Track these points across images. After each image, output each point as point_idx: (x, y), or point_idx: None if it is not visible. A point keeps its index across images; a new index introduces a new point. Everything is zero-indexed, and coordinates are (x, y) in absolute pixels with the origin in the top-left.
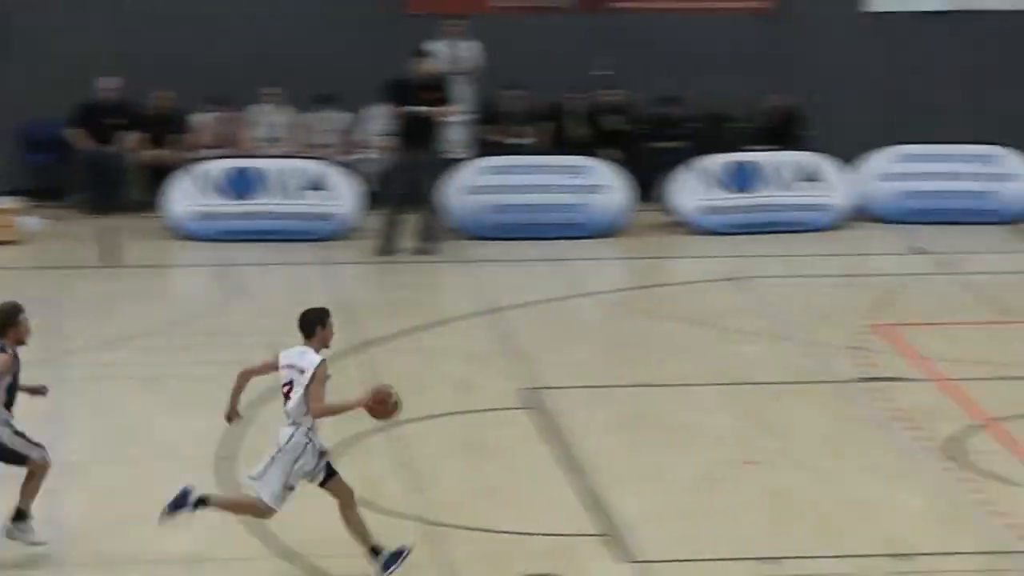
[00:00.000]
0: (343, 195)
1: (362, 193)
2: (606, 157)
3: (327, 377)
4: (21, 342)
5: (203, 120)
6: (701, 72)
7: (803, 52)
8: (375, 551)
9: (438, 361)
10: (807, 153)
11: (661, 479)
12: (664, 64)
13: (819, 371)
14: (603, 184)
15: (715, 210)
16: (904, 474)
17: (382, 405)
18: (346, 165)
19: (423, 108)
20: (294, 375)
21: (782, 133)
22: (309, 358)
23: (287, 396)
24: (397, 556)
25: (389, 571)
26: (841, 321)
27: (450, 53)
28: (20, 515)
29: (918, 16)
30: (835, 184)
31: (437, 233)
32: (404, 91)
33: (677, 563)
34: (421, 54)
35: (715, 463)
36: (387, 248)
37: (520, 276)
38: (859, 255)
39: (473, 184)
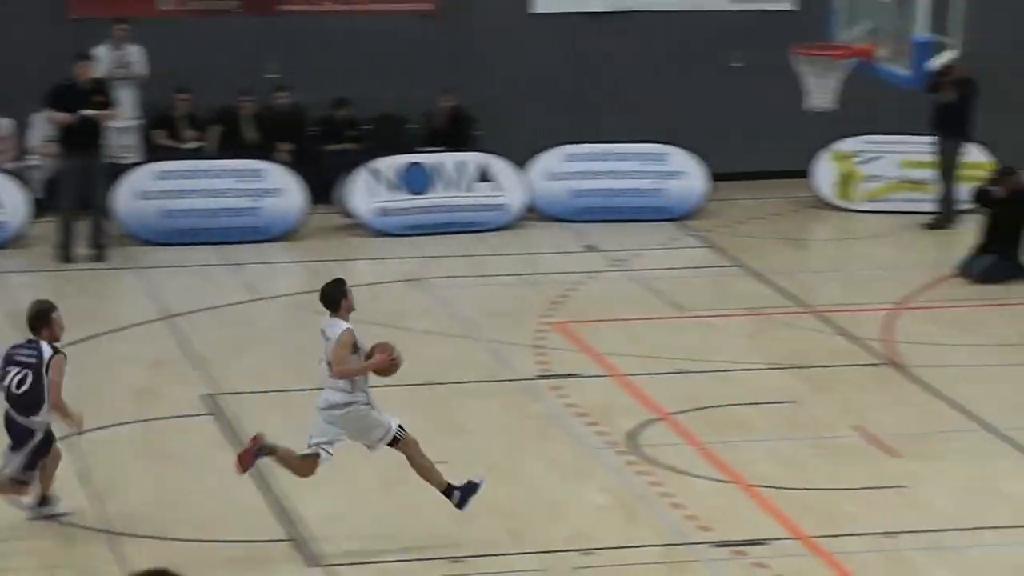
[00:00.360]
0: (10, 203)
1: (29, 200)
2: (279, 160)
3: (354, 344)
4: (56, 339)
5: None
6: (373, 74)
7: (472, 53)
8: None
9: (117, 369)
10: (481, 154)
11: (347, 481)
12: (335, 66)
13: (501, 370)
14: (277, 187)
15: (391, 212)
16: (586, 469)
17: (392, 362)
18: (12, 172)
19: (89, 112)
20: (325, 343)
21: (452, 134)
22: (336, 327)
23: (328, 364)
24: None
25: None
26: (520, 320)
27: (116, 57)
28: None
29: (584, 17)
30: (509, 184)
31: (109, 239)
32: (69, 96)
33: (366, 565)
34: (85, 58)
35: (399, 464)
36: (65, 255)
37: (197, 281)
38: (535, 254)
39: (144, 189)
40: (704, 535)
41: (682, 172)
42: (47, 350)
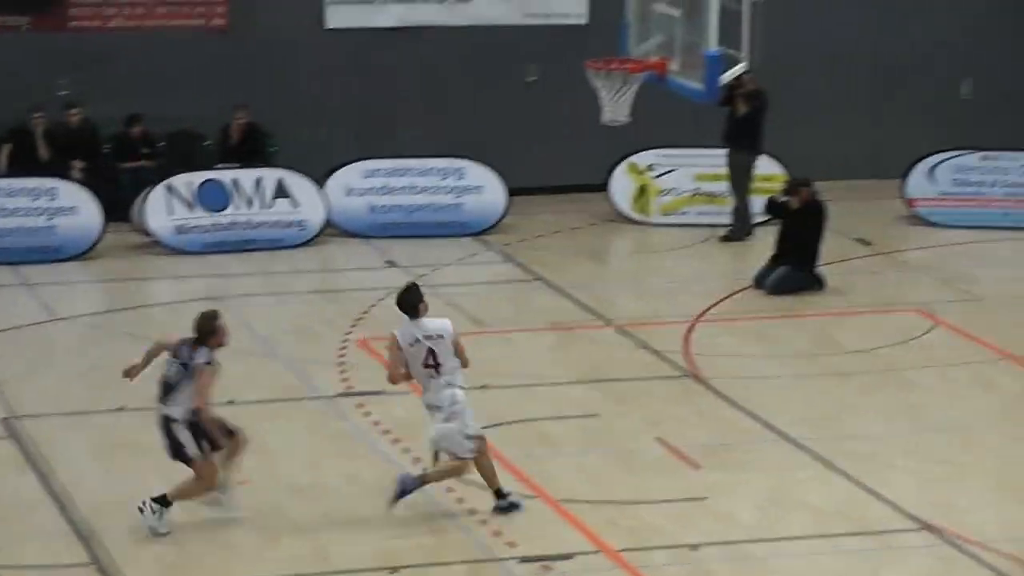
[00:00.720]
0: None
1: None
2: (73, 178)
3: None
4: (222, 346)
5: None
6: (166, 90)
7: (266, 68)
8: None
9: None
10: (278, 170)
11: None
12: (127, 82)
13: (303, 388)
14: (72, 205)
15: (188, 229)
16: (388, 486)
17: None
18: None
19: None
20: (433, 344)
21: (247, 150)
22: (439, 324)
23: (435, 365)
24: None
25: None
26: (321, 336)
27: None
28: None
29: (375, 32)
30: (307, 200)
31: None
32: None
33: None
34: None
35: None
36: None
37: None
38: (335, 271)
39: None
40: (511, 551)
41: (480, 187)
42: (200, 356)
